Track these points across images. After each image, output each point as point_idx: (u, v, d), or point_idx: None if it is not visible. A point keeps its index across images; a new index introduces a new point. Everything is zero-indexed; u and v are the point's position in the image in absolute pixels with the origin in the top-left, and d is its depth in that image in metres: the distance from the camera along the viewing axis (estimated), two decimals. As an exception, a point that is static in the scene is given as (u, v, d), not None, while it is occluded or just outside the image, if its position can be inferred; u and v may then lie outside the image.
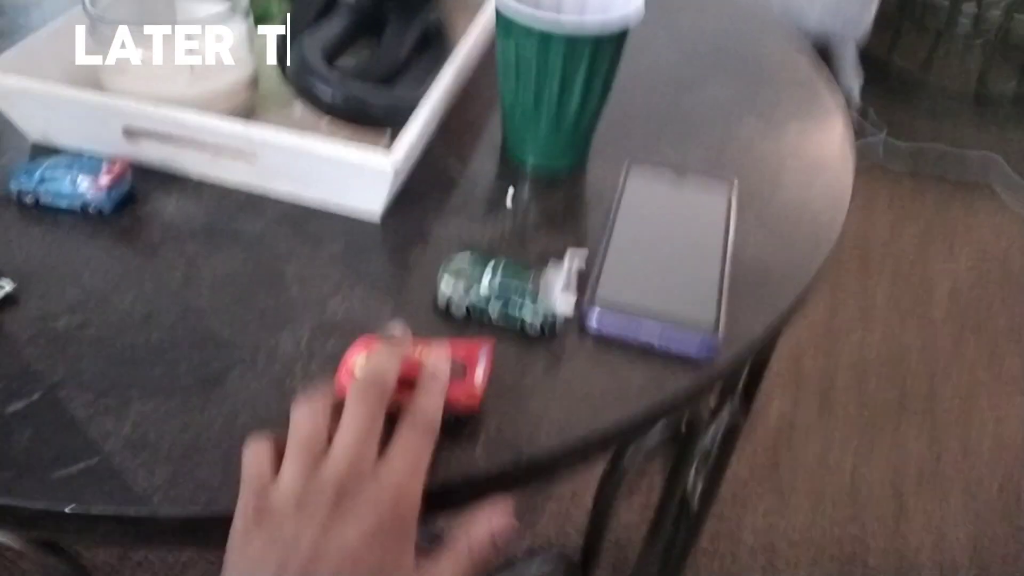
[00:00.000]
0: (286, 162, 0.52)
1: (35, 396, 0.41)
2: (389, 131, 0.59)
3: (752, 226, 0.56)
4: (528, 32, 0.52)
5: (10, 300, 0.45)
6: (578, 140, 0.59)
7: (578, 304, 0.47)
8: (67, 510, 0.36)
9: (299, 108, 0.62)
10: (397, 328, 0.41)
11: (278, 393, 0.42)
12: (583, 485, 1.17)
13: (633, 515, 1.04)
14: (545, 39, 0.51)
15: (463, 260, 0.49)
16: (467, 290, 0.47)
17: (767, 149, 0.64)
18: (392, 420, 0.36)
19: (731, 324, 0.47)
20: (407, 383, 0.38)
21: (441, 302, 0.47)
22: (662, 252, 0.51)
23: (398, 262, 0.51)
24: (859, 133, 1.89)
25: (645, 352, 0.46)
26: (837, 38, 1.42)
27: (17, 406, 0.40)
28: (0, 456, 0.38)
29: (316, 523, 0.31)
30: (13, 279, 0.46)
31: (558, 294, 0.46)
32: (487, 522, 0.35)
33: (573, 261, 0.48)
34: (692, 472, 0.63)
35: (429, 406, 0.36)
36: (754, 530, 1.22)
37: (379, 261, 0.51)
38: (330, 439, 0.35)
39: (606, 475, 0.55)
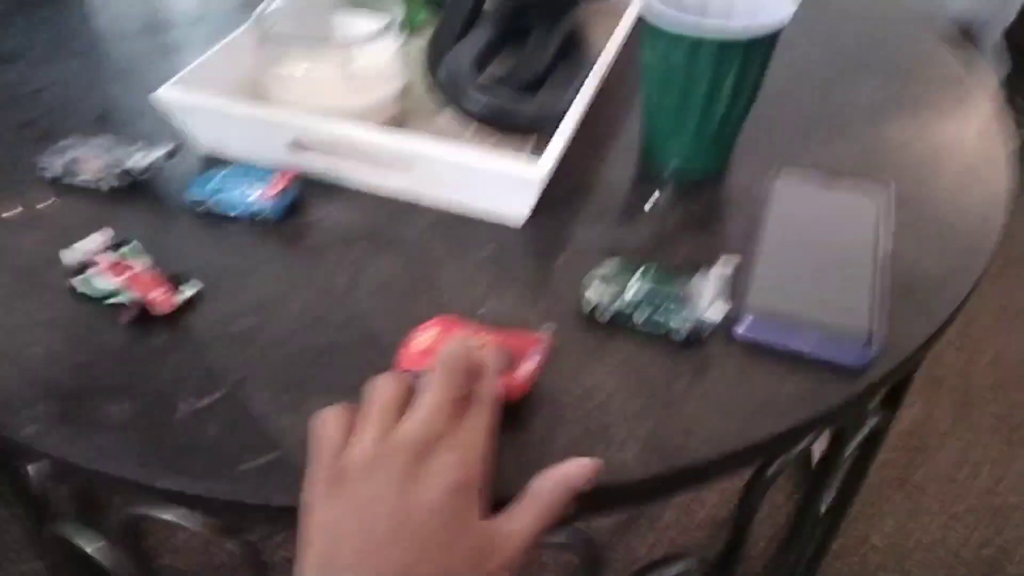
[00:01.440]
0: (440, 171, 0.55)
1: (220, 393, 0.44)
2: (534, 137, 0.61)
3: (906, 230, 0.54)
4: (677, 39, 0.52)
5: (195, 302, 0.49)
6: (723, 143, 0.59)
7: (728, 311, 0.47)
8: (251, 502, 0.39)
9: (446, 115, 0.64)
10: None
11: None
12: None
13: (760, 515, 1.02)
14: (695, 45, 0.51)
15: (612, 266, 0.49)
16: (614, 296, 0.48)
17: (919, 150, 0.62)
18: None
19: (887, 332, 0.46)
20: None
21: (586, 308, 0.48)
22: (814, 258, 0.51)
23: (543, 267, 0.53)
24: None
25: (796, 360, 0.46)
26: (982, 24, 1.33)
27: (205, 402, 0.44)
28: (191, 449, 0.42)
29: (395, 484, 0.33)
30: (201, 284, 0.50)
31: (710, 301, 0.46)
32: (564, 475, 0.37)
33: (726, 267, 0.47)
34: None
35: (488, 388, 0.38)
36: (885, 535, 1.17)
37: (525, 266, 0.53)
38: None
39: (751, 482, 0.54)
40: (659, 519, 1.16)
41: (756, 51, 0.52)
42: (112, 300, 0.49)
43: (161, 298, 0.48)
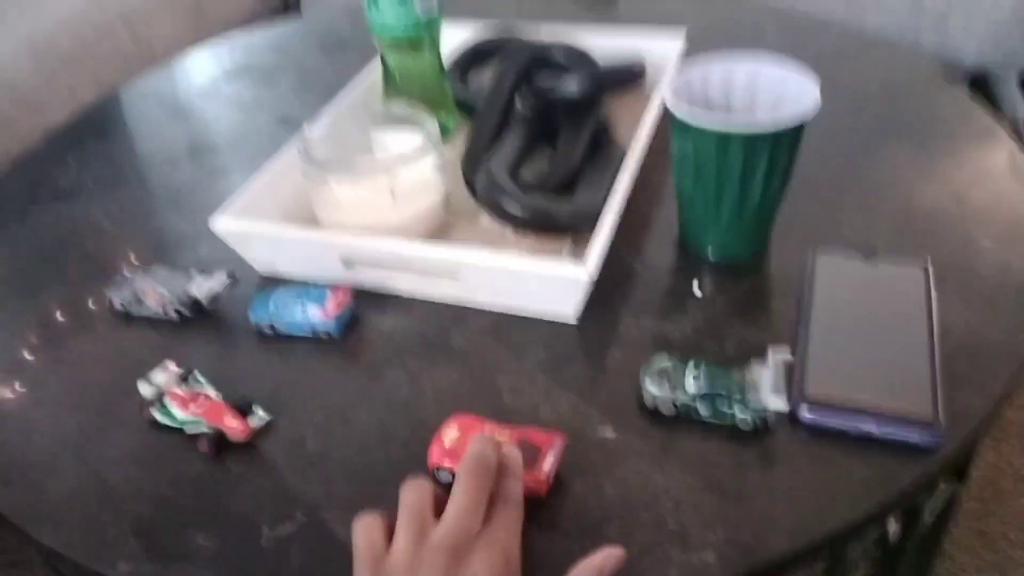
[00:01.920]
0: (487, 277, 0.57)
1: (301, 518, 0.46)
2: (570, 236, 0.63)
3: (954, 300, 0.55)
4: (705, 134, 0.54)
5: (270, 423, 0.51)
6: (760, 228, 0.60)
7: (788, 400, 0.48)
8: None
9: (485, 219, 0.67)
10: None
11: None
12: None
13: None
14: (723, 140, 0.53)
15: (662, 362, 0.51)
16: (673, 391, 0.49)
17: (957, 213, 0.63)
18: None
19: (950, 406, 0.46)
20: None
21: (649, 403, 0.49)
22: (864, 338, 0.51)
23: (597, 365, 0.54)
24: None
25: (863, 444, 0.46)
26: (997, 69, 1.35)
27: (287, 529, 0.45)
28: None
29: None
30: (266, 407, 0.52)
31: (768, 395, 0.47)
32: (596, 565, 0.38)
33: (776, 359, 0.48)
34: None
35: (515, 487, 0.41)
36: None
37: (579, 365, 0.54)
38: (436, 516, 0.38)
39: (831, 568, 0.54)
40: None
41: (785, 139, 0.54)
42: (189, 430, 0.51)
43: (237, 427, 0.50)
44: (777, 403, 0.47)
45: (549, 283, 0.55)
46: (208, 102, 0.92)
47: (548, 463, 0.45)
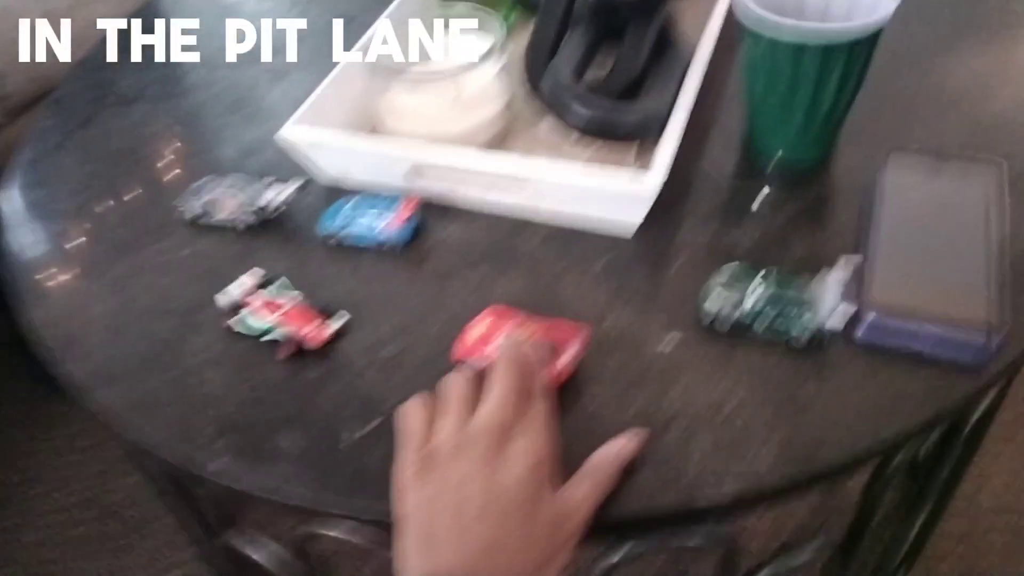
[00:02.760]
0: (553, 189, 0.57)
1: (379, 420, 0.49)
2: (636, 143, 0.63)
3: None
4: (779, 43, 0.53)
5: (343, 332, 0.54)
6: (829, 133, 0.59)
7: (852, 309, 0.48)
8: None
9: (546, 124, 0.67)
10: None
11: (574, 407, 0.47)
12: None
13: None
14: (798, 49, 0.52)
15: (730, 272, 0.51)
16: (734, 306, 0.50)
17: (1033, 120, 0.61)
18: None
19: (1009, 321, 0.47)
20: None
21: (706, 319, 0.50)
22: (931, 249, 0.51)
23: (659, 276, 0.55)
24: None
25: (916, 359, 0.47)
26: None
27: (365, 430, 0.48)
28: (360, 475, 0.46)
29: (480, 465, 0.37)
30: (347, 310, 0.54)
31: (831, 306, 0.47)
32: (615, 446, 0.42)
33: (845, 270, 0.49)
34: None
35: (542, 381, 0.44)
36: (994, 494, 1.16)
37: (642, 276, 0.55)
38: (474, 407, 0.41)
39: (876, 474, 0.56)
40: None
41: (861, 47, 0.52)
42: (267, 337, 0.53)
43: (314, 332, 0.52)
44: (836, 320, 0.47)
45: (615, 194, 0.55)
46: (262, 1, 0.92)
47: (564, 359, 0.47)
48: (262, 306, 0.54)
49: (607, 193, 0.55)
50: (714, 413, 0.46)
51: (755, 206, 0.58)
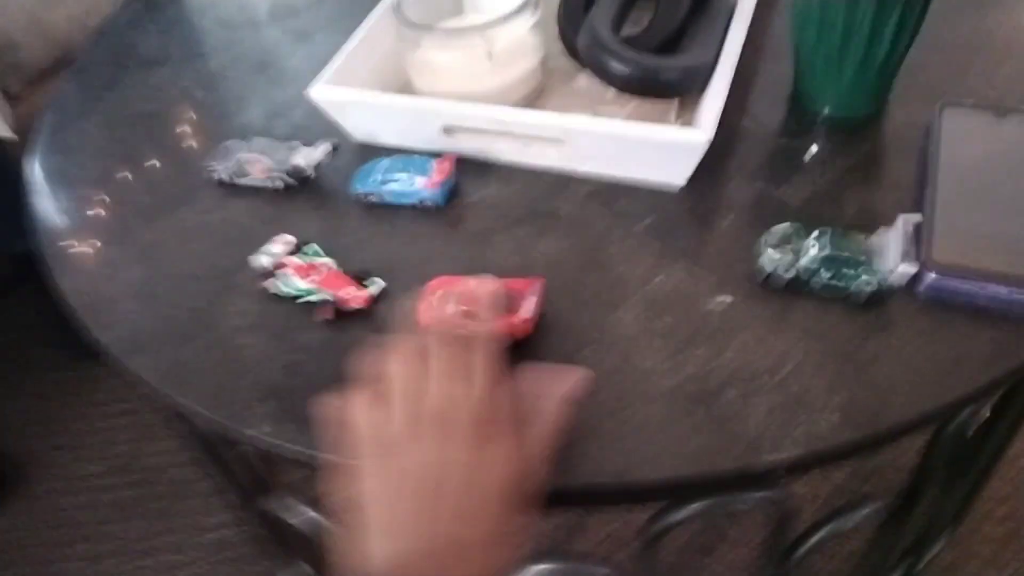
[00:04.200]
0: (595, 144, 0.55)
1: (425, 381, 0.47)
2: (676, 101, 0.61)
3: (1091, 162, 0.52)
4: (834, -13, 0.50)
5: (382, 293, 0.52)
6: (882, 84, 0.57)
7: (914, 266, 0.46)
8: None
9: (584, 80, 0.65)
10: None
11: (628, 367, 0.46)
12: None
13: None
14: (854, -7, 0.50)
15: (783, 231, 0.49)
16: (789, 264, 0.48)
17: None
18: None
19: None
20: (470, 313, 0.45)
21: (760, 275, 0.49)
22: (992, 205, 0.49)
23: (709, 233, 0.53)
24: None
25: (981, 314, 0.45)
26: None
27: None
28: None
29: (434, 449, 0.37)
30: (382, 275, 0.53)
31: (894, 262, 0.46)
32: (563, 384, 0.41)
33: (907, 227, 0.47)
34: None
35: (488, 333, 0.42)
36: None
37: (691, 232, 0.53)
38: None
39: (935, 436, 0.55)
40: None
41: (921, -9, 0.50)
42: (304, 299, 0.52)
43: (353, 295, 0.51)
44: (899, 276, 0.46)
45: (661, 148, 0.53)
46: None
47: (528, 306, 0.47)
48: (297, 270, 0.53)
49: (653, 149, 0.53)
50: (772, 374, 0.45)
51: (807, 158, 0.56)
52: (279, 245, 0.55)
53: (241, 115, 0.69)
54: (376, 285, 0.52)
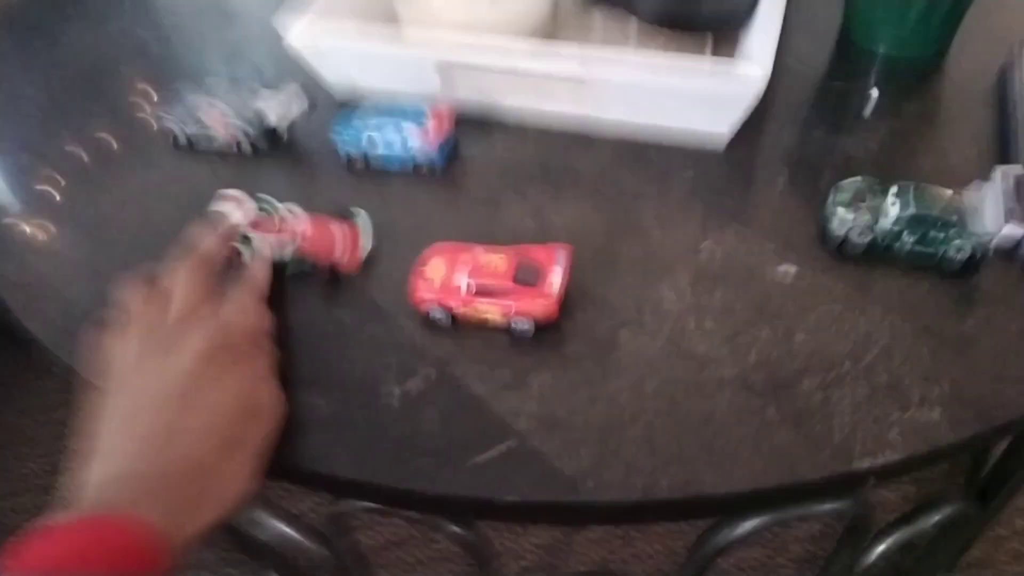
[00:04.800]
0: (623, 86, 0.46)
1: (430, 373, 0.39)
2: (710, 38, 0.52)
3: None
4: None
5: (378, 268, 0.44)
6: (952, 22, 0.49)
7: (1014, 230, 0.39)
8: (506, 499, 0.34)
9: (598, 21, 0.56)
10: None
11: (678, 353, 0.38)
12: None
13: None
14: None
15: (855, 187, 0.41)
16: (867, 225, 0.40)
17: None
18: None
19: None
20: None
21: (831, 240, 0.41)
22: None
23: (762, 190, 0.45)
24: None
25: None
26: None
27: (416, 385, 0.38)
28: (414, 441, 0.36)
29: (153, 362, 0.36)
30: (370, 251, 0.44)
31: (999, 224, 0.38)
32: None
33: (1008, 180, 0.39)
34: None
35: (257, 271, 0.41)
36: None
37: (740, 193, 0.45)
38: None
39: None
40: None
41: None
42: (293, 269, 0.43)
43: (347, 257, 0.42)
44: (1010, 231, 0.38)
45: (708, 89, 0.45)
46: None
47: (553, 279, 0.39)
48: (267, 229, 0.44)
49: (698, 89, 0.45)
50: (855, 360, 0.37)
51: (867, 112, 0.48)
52: (230, 205, 0.45)
53: (199, 66, 0.59)
54: (361, 218, 0.44)
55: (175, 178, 0.51)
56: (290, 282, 0.43)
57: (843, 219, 0.40)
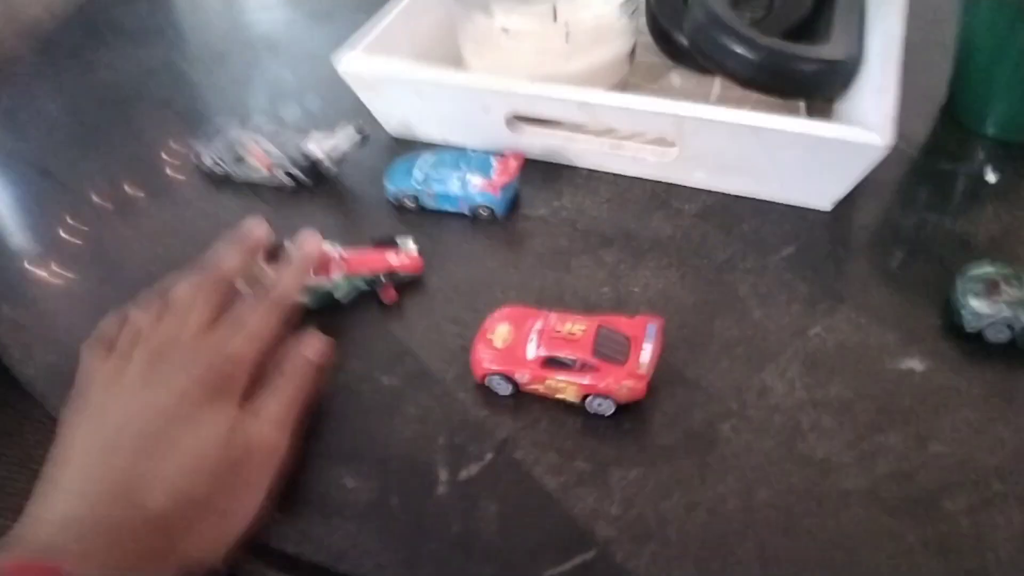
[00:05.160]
0: (716, 146, 0.41)
1: (489, 457, 0.32)
2: (803, 104, 0.47)
3: None
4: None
5: (417, 316, 0.38)
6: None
7: None
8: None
9: (675, 79, 0.51)
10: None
11: (793, 456, 0.31)
12: None
13: None
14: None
15: (986, 275, 0.36)
16: (1010, 319, 0.34)
17: None
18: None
19: None
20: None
21: (970, 325, 0.35)
22: None
23: (875, 273, 0.39)
24: None
25: None
26: None
27: (472, 471, 0.32)
28: (468, 542, 0.30)
29: (143, 387, 0.31)
30: (419, 304, 0.38)
31: None
32: (303, 347, 0.34)
33: None
34: None
35: (284, 280, 0.36)
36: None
37: (849, 272, 0.39)
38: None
39: None
40: None
41: None
42: (344, 296, 0.38)
43: (404, 261, 0.39)
44: None
45: (819, 153, 0.39)
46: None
47: (642, 357, 0.33)
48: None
49: (807, 152, 0.39)
50: (1004, 477, 0.31)
51: (990, 177, 0.43)
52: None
53: (240, 98, 0.55)
54: (409, 248, 0.40)
55: (205, 214, 0.45)
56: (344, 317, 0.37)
57: (977, 312, 0.34)
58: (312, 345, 0.34)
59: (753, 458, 0.31)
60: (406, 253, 0.39)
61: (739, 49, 0.44)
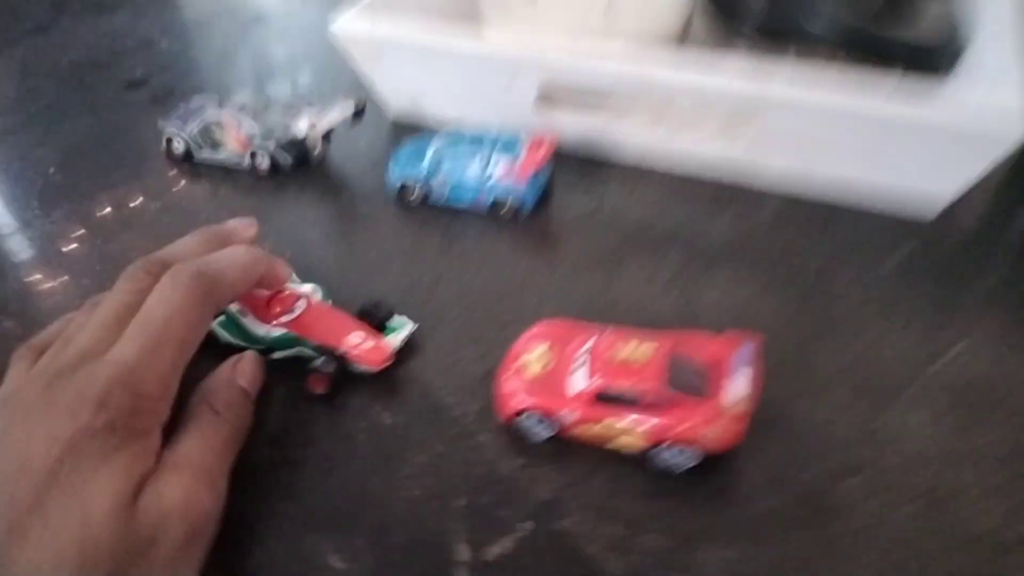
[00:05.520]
0: (798, 128, 0.33)
1: (526, 528, 0.24)
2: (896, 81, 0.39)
3: None
4: None
5: (420, 351, 0.29)
6: None
7: None
8: None
9: (741, 49, 0.43)
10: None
11: (950, 528, 0.23)
12: None
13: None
14: None
15: None
16: None
17: None
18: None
19: None
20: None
21: None
22: None
23: (1012, 286, 0.31)
24: None
25: None
26: None
27: (502, 548, 0.23)
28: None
29: (26, 422, 0.23)
30: (427, 318, 0.30)
31: None
32: (230, 375, 0.27)
33: None
34: None
35: (211, 260, 0.27)
36: None
37: (989, 283, 0.31)
38: None
39: None
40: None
41: None
42: (280, 355, 0.29)
43: (370, 348, 0.28)
44: None
45: (937, 142, 0.31)
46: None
47: (736, 387, 0.24)
48: (254, 308, 0.29)
49: (926, 133, 0.31)
50: None
51: None
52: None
53: (221, 73, 0.46)
54: (403, 329, 0.29)
55: (164, 199, 0.37)
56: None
57: None
58: (246, 372, 0.27)
59: (895, 530, 0.23)
60: (379, 344, 0.28)
61: (822, 9, 0.36)
